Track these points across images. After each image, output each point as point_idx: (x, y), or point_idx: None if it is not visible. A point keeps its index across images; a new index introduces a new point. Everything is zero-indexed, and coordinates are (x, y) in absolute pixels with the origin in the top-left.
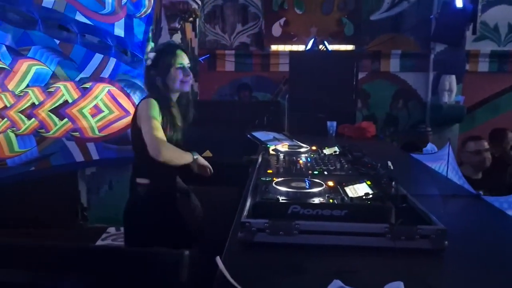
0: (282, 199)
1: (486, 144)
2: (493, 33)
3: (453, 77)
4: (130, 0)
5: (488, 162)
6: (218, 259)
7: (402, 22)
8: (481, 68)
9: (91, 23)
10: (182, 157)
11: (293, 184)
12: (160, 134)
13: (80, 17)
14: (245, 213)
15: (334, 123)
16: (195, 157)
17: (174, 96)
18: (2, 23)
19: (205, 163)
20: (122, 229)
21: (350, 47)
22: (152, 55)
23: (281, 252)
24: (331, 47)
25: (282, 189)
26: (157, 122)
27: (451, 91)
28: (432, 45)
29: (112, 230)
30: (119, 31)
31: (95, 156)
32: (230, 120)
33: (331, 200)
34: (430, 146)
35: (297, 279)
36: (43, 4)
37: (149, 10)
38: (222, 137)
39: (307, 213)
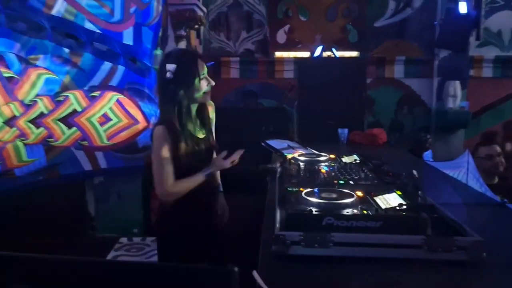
0: (314, 211)
1: (498, 149)
2: (497, 39)
3: (458, 82)
4: (138, 9)
5: (502, 167)
6: (255, 273)
7: (406, 28)
8: (485, 74)
9: (100, 32)
10: (190, 186)
11: (323, 195)
12: (166, 177)
13: (89, 26)
14: (277, 225)
15: (346, 130)
16: (205, 174)
17: (194, 107)
18: (12, 32)
19: (223, 165)
20: (134, 239)
21: (354, 54)
22: (171, 67)
23: (316, 265)
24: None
25: (313, 200)
26: (163, 161)
27: (456, 96)
28: (436, 51)
29: (124, 240)
30: (127, 39)
31: (103, 165)
32: (236, 127)
33: (364, 211)
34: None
35: None
36: (52, 13)
37: (157, 18)
38: (231, 145)
39: (341, 224)
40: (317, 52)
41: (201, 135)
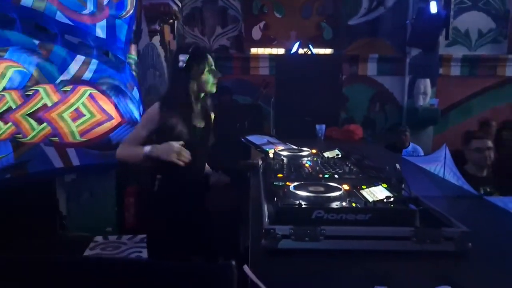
0: (304, 204)
1: (489, 143)
2: (464, 38)
3: (428, 80)
4: (112, 1)
5: (489, 161)
6: (246, 268)
7: (379, 27)
8: (454, 72)
9: (72, 23)
10: (130, 155)
11: (311, 189)
12: (127, 139)
13: (60, 17)
14: (266, 219)
15: (323, 126)
16: (145, 149)
17: (200, 97)
18: None
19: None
20: (110, 237)
21: (328, 51)
22: (184, 57)
23: (306, 258)
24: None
25: (302, 194)
26: (137, 128)
27: (426, 94)
28: (407, 49)
29: (99, 239)
30: (101, 32)
31: (75, 162)
32: None
33: (353, 204)
34: (412, 147)
35: (332, 286)
36: (21, 3)
37: (131, 11)
38: None
39: (331, 218)
40: (295, 49)
41: (199, 125)
